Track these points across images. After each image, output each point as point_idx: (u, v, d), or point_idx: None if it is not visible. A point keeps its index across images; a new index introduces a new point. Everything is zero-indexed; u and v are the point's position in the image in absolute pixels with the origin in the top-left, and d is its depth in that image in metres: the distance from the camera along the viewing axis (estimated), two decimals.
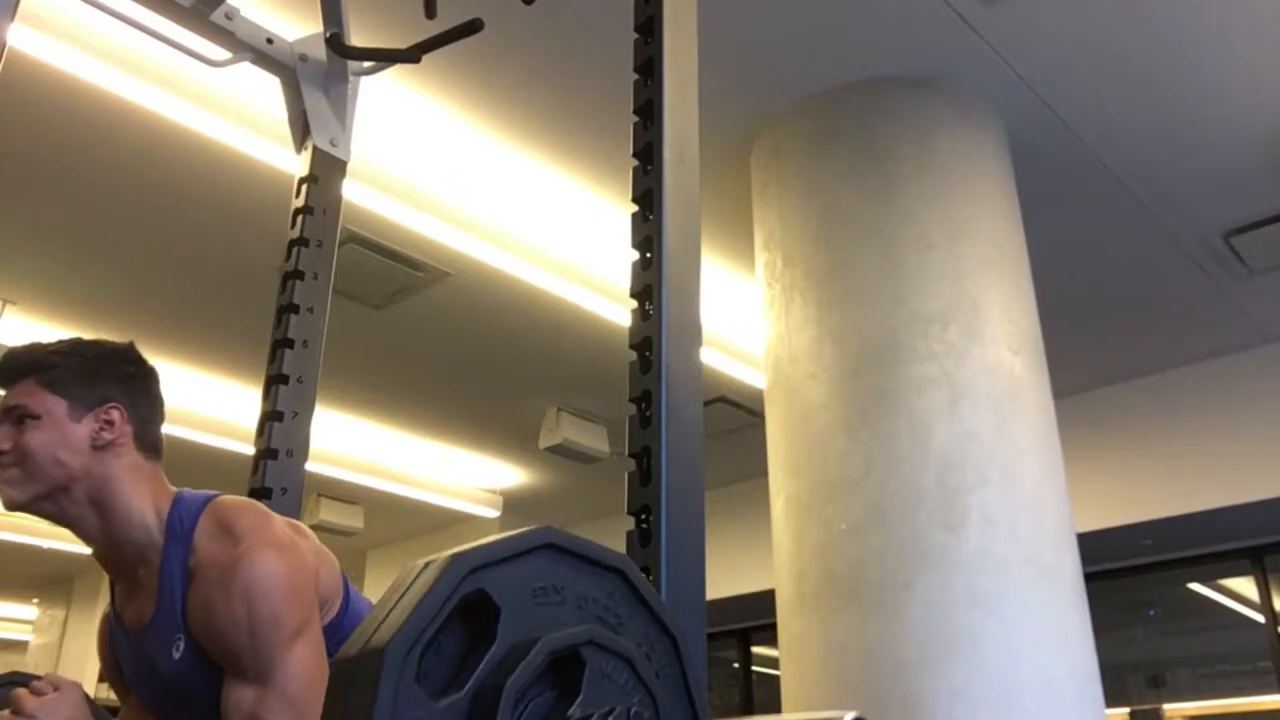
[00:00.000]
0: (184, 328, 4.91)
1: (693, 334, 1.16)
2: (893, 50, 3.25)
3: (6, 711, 1.22)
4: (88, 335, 1.48)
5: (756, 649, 7.29)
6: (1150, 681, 6.24)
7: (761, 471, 3.26)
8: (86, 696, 1.32)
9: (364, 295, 4.53)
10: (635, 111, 1.25)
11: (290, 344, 1.85)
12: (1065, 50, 3.22)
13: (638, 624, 0.79)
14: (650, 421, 1.08)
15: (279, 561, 1.27)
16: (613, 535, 0.93)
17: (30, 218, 4.13)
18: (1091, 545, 3.51)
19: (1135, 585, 6.01)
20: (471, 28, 1.87)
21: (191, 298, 4.71)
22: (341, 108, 2.10)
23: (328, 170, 2.03)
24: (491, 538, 0.71)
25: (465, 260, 4.25)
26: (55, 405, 1.34)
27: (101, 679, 1.50)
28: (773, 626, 3.16)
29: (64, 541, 7.90)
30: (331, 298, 1.94)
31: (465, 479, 7.01)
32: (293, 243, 1.95)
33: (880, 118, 3.30)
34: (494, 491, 7.22)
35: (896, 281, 3.06)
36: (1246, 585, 5.66)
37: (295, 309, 1.88)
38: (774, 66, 3.30)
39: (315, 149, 2.03)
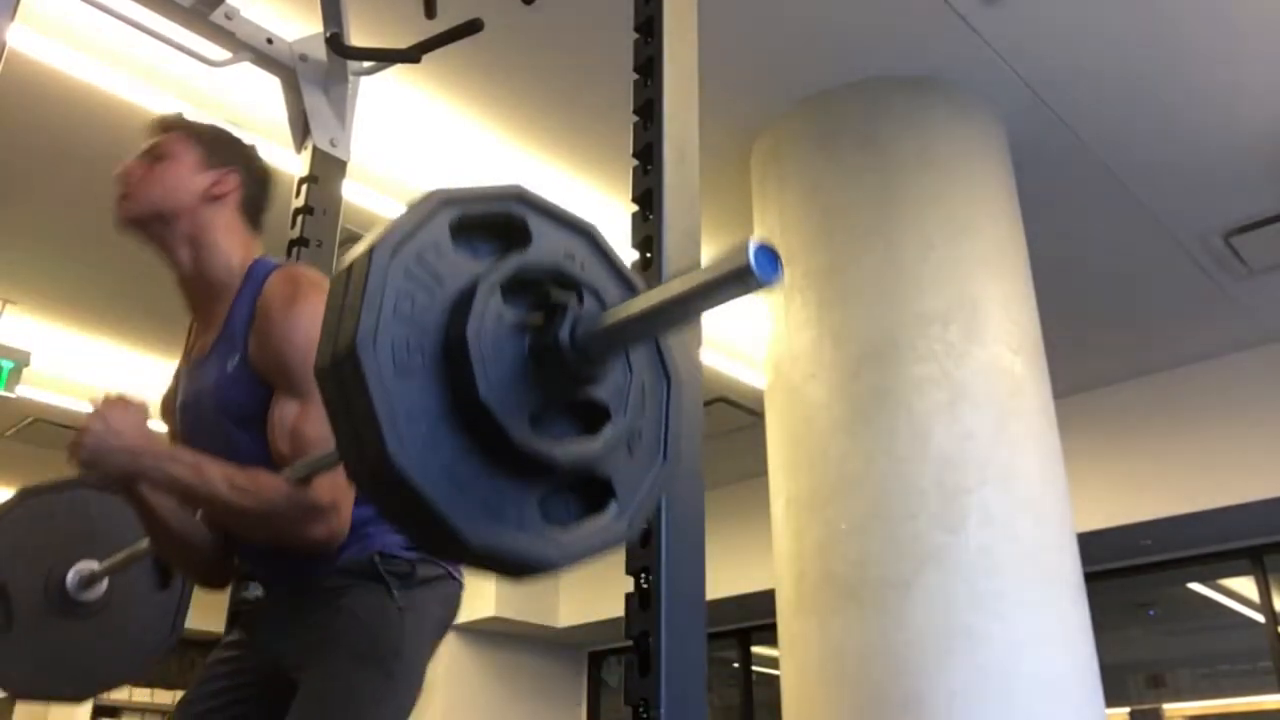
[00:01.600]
0: (185, 327, 4.91)
1: (693, 334, 1.16)
2: (893, 50, 3.25)
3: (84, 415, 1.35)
4: (88, 335, 1.57)
5: (756, 649, 7.29)
6: (1150, 681, 6.24)
7: (761, 471, 3.26)
8: None
9: None
10: (635, 111, 1.25)
11: None
12: (1065, 50, 3.22)
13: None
14: None
15: None
16: None
17: (30, 218, 4.13)
18: (1091, 545, 3.51)
19: (1135, 585, 6.00)
20: (471, 28, 1.87)
21: None
22: (341, 108, 2.11)
23: (328, 170, 2.04)
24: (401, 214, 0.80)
25: None
26: (189, 153, 1.54)
27: None
28: (773, 626, 3.16)
29: None
30: None
31: None
32: (293, 243, 1.95)
33: (880, 118, 3.30)
34: None
35: (896, 281, 3.06)
36: (1246, 585, 5.65)
37: None
38: (774, 66, 3.30)
39: (315, 149, 2.03)
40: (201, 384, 1.49)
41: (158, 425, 1.45)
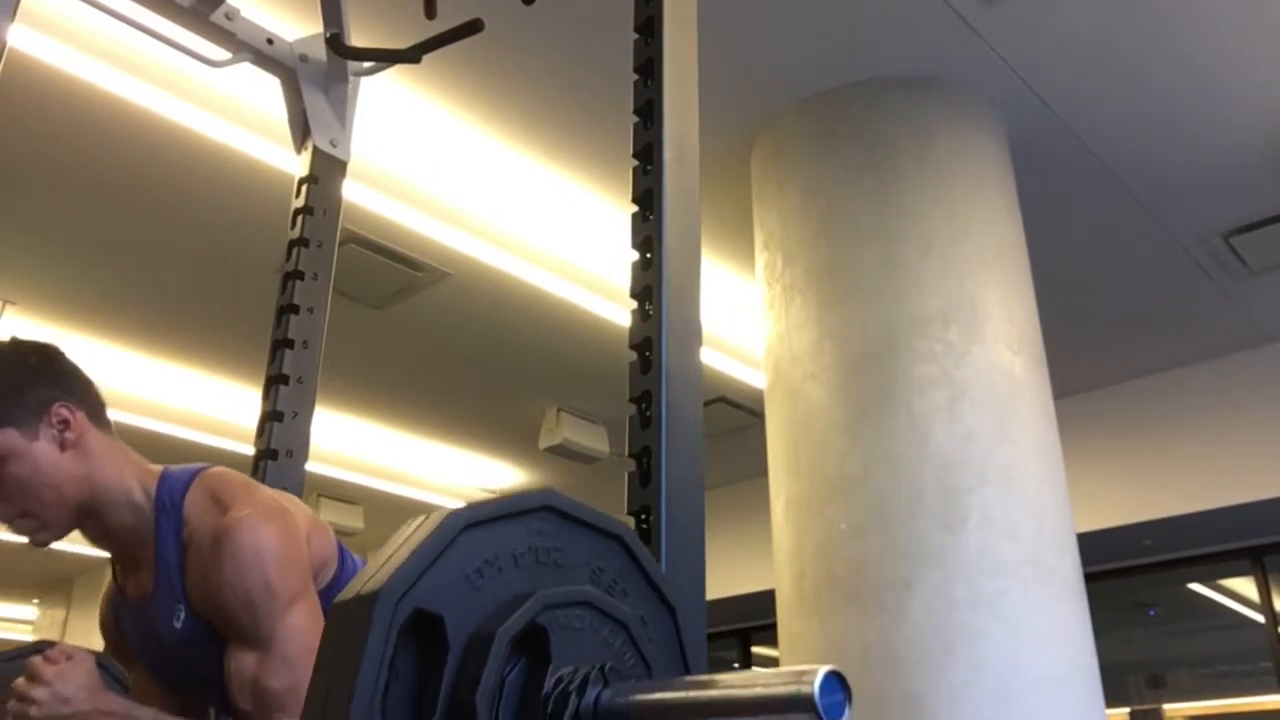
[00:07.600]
0: (184, 328, 4.91)
1: (693, 334, 1.16)
2: (893, 50, 3.25)
3: (22, 679, 1.26)
4: (88, 335, 1.49)
5: (756, 649, 7.29)
6: (1150, 682, 6.24)
7: (761, 471, 3.26)
8: (100, 662, 1.35)
9: (364, 295, 4.53)
10: (635, 111, 1.24)
11: (290, 344, 1.85)
12: (1065, 50, 3.22)
13: (635, 590, 0.80)
14: (650, 422, 1.08)
15: (269, 528, 1.29)
16: None
17: (30, 218, 4.13)
18: (1091, 545, 3.51)
19: (1135, 585, 6.00)
20: (472, 28, 1.87)
21: (192, 298, 4.71)
22: (341, 108, 2.10)
23: (328, 171, 2.03)
24: (409, 542, 0.68)
25: (465, 260, 4.25)
26: (6, 438, 1.31)
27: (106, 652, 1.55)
28: (773, 626, 3.16)
29: (63, 542, 7.89)
30: (331, 298, 1.94)
31: (465, 479, 7.01)
32: (293, 243, 1.95)
33: (880, 118, 3.30)
34: (494, 492, 7.22)
35: (896, 281, 3.06)
36: (1246, 585, 5.66)
37: (295, 309, 1.88)
38: (774, 66, 3.30)
39: (315, 149, 2.03)
40: (154, 633, 1.37)
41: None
